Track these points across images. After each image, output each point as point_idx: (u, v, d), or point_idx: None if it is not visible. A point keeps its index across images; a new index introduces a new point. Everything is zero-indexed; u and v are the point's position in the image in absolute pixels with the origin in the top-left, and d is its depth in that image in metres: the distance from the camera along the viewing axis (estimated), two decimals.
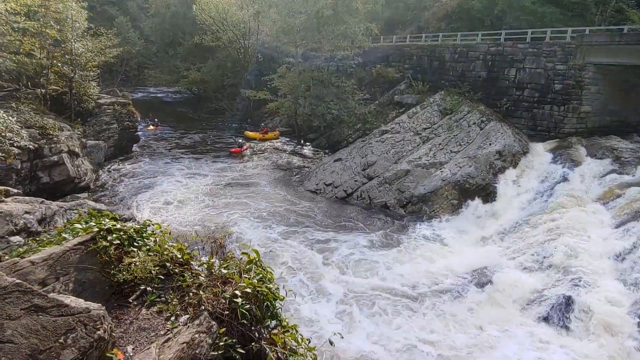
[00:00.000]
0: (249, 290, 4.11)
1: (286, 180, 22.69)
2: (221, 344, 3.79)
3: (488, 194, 18.57)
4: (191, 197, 19.30)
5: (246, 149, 29.07)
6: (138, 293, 4.36)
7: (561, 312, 11.18)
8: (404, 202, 18.89)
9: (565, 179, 17.47)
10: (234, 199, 19.22)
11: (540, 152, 20.47)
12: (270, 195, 19.98)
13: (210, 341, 3.75)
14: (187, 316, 4.05)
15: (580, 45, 20.50)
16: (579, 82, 20.76)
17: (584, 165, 18.00)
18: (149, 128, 34.01)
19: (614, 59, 19.72)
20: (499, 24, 29.95)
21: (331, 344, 4.35)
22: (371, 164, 21.11)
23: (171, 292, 4.45)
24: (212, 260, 4.89)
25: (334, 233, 16.27)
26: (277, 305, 4.41)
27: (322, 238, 15.76)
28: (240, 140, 30.05)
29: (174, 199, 18.88)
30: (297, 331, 4.35)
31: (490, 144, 20.65)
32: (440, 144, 21.46)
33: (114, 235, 4.60)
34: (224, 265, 4.74)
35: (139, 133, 28.92)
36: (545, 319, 11.23)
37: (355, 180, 20.68)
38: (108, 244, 4.46)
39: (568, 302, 11.30)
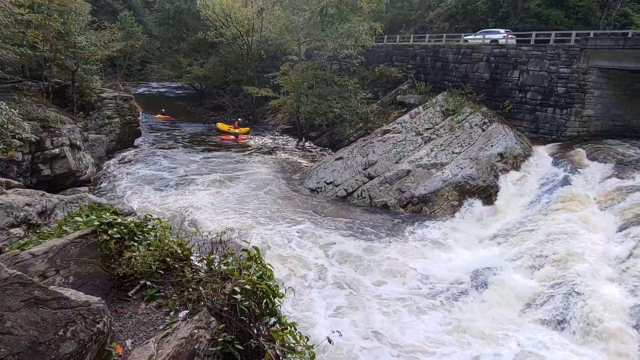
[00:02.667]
0: (248, 287, 4.11)
1: (287, 178, 22.67)
2: (220, 339, 3.79)
3: (489, 196, 18.55)
4: (189, 190, 19.31)
5: (242, 140, 29.56)
6: (138, 287, 4.36)
7: (560, 316, 11.17)
8: (405, 202, 18.88)
9: (566, 182, 17.44)
10: (234, 195, 19.21)
11: (542, 155, 20.44)
12: (271, 192, 19.98)
13: (209, 337, 3.76)
14: (187, 311, 4.06)
15: (585, 49, 20.44)
16: (583, 86, 20.72)
17: (585, 168, 17.99)
18: (157, 116, 35.96)
19: (619, 63, 19.66)
20: (503, 26, 29.91)
21: (330, 342, 4.34)
22: (372, 163, 21.08)
23: (171, 287, 4.46)
24: (212, 257, 4.89)
25: (333, 231, 16.25)
26: (276, 302, 4.42)
27: (321, 236, 15.73)
28: (236, 131, 30.74)
29: (173, 192, 18.90)
30: (295, 329, 4.35)
31: (492, 146, 20.62)
32: (441, 144, 21.43)
33: (115, 229, 4.60)
34: (224, 262, 4.74)
35: (143, 123, 29.59)
36: (545, 322, 11.22)
37: (356, 179, 20.67)
38: (108, 237, 4.46)
39: (567, 305, 11.30)
